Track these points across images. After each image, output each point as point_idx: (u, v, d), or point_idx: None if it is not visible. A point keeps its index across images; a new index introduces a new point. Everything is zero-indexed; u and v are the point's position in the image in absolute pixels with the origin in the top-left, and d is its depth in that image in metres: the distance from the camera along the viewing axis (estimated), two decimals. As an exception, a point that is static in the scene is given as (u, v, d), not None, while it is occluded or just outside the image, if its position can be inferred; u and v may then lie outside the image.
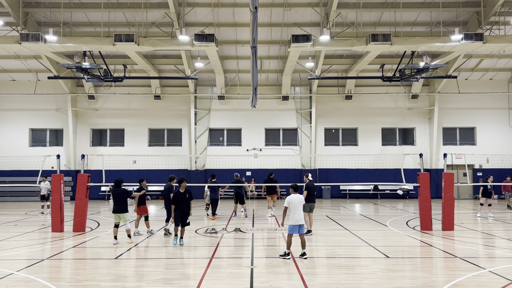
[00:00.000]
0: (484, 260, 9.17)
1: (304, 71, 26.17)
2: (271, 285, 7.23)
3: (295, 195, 9.39)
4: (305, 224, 11.31)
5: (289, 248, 9.27)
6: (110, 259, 9.40)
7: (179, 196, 10.72)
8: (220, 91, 26.94)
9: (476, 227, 14.31)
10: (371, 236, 12.27)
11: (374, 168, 25.98)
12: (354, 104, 27.66)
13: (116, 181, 11.28)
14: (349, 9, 21.28)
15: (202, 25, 21.85)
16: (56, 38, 19.54)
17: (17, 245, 10.99)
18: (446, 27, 21.41)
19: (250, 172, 26.22)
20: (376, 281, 7.50)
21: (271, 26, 22.69)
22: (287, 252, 9.27)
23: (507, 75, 27.58)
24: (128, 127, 27.78)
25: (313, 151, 27.04)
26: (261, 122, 27.58)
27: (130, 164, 25.03)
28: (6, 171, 25.62)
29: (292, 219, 9.15)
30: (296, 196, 9.38)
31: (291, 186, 9.74)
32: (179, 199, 10.70)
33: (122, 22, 22.11)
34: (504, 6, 20.27)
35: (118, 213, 11.16)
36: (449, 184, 13.36)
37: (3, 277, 7.74)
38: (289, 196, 9.42)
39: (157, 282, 7.46)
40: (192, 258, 9.57)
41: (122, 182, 11.31)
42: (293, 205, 9.22)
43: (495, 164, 26.63)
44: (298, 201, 9.26)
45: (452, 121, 27.77)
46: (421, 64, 20.79)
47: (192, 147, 27.18)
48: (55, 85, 26.45)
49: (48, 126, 27.73)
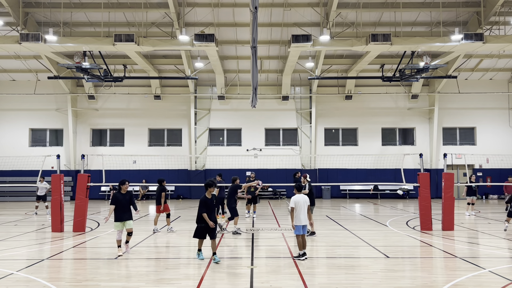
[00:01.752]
0: (484, 260, 9.17)
1: (304, 71, 26.17)
2: (271, 285, 7.23)
3: (299, 195, 9.29)
4: (308, 225, 11.32)
5: (301, 249, 9.15)
6: (110, 259, 9.39)
7: (208, 202, 8.97)
8: (220, 91, 26.94)
9: (476, 227, 14.30)
10: (371, 236, 12.26)
11: (374, 168, 25.98)
12: (354, 104, 27.66)
13: (121, 183, 9.80)
14: (349, 9, 21.28)
15: (202, 25, 21.85)
16: (56, 38, 19.54)
17: (17, 245, 10.99)
18: (446, 27, 21.41)
19: (250, 172, 26.18)
20: (376, 281, 7.50)
21: (271, 26, 22.69)
22: (301, 253, 9.14)
23: (507, 75, 27.58)
24: (128, 127, 27.78)
25: (313, 151, 27.04)
26: (261, 122, 27.58)
27: (130, 164, 25.05)
28: (6, 171, 25.63)
29: (298, 219, 9.08)
30: (301, 196, 9.27)
31: (294, 186, 9.55)
32: (208, 206, 8.95)
33: (122, 22, 22.11)
34: (504, 6, 20.27)
35: (124, 220, 9.65)
36: (449, 184, 13.36)
37: (3, 277, 7.74)
38: (294, 196, 9.30)
39: (157, 282, 7.46)
40: (192, 258, 9.56)
41: (127, 183, 9.85)
42: (298, 206, 9.12)
43: (495, 164, 26.63)
44: (302, 201, 9.17)
45: (452, 121, 27.77)
46: (421, 64, 20.80)
47: (192, 147, 27.18)
48: (55, 85, 26.45)
49: (48, 126, 27.73)
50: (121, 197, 9.69)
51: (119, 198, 9.67)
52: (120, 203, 9.62)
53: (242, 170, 24.08)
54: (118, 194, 9.74)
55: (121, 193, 9.77)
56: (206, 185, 9.11)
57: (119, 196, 9.69)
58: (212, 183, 9.14)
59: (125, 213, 9.64)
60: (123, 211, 9.61)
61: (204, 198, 8.98)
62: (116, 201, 9.63)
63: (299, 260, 9.02)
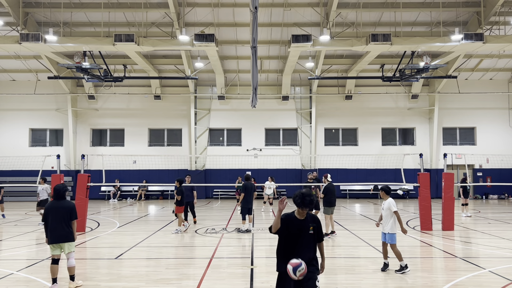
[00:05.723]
0: (484, 260, 9.17)
1: (304, 71, 26.16)
2: (271, 285, 7.22)
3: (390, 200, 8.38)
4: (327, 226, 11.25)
5: (402, 259, 8.07)
6: (110, 259, 9.39)
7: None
8: (220, 91, 26.93)
9: (476, 227, 14.30)
10: (371, 236, 12.26)
11: (374, 168, 25.97)
12: (354, 104, 27.65)
13: (57, 189, 7.37)
14: (349, 9, 21.27)
15: (202, 25, 21.85)
16: (56, 38, 19.53)
17: (17, 245, 10.99)
18: (446, 27, 21.41)
19: (250, 172, 26.19)
20: (376, 281, 7.50)
21: (271, 26, 22.69)
22: (403, 265, 8.04)
23: (507, 75, 27.57)
24: (128, 127, 27.78)
25: (313, 151, 27.04)
26: (261, 122, 27.58)
27: (130, 164, 25.04)
28: (6, 171, 25.62)
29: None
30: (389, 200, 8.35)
31: (381, 188, 8.50)
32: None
33: (122, 22, 22.10)
34: (504, 6, 20.26)
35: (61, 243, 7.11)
36: (449, 184, 13.36)
37: (3, 277, 7.74)
38: (391, 199, 8.43)
39: (157, 282, 7.46)
40: (192, 258, 9.57)
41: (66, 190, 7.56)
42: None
43: (495, 164, 26.63)
44: (386, 207, 8.32)
45: (452, 121, 27.76)
46: (421, 64, 20.79)
47: (192, 147, 27.17)
48: (55, 85, 26.44)
49: (48, 126, 27.73)
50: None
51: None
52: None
53: (242, 170, 24.06)
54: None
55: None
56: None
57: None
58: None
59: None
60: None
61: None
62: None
63: (404, 273, 7.95)
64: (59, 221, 7.00)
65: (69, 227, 7.11)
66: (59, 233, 6.98)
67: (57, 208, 7.08)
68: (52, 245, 7.03)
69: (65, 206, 7.12)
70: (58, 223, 6.99)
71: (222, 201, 25.14)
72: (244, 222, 12.94)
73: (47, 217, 7.08)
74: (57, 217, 7.01)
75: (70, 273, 7.14)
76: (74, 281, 7.18)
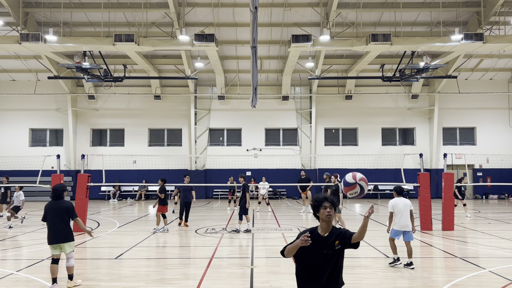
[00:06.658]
0: (484, 260, 9.16)
1: (304, 71, 26.16)
2: (271, 285, 7.22)
3: (399, 199, 8.66)
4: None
5: (396, 253, 8.54)
6: (110, 259, 9.39)
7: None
8: (220, 91, 26.93)
9: (476, 227, 14.30)
10: (371, 236, 12.24)
11: (374, 168, 25.90)
12: (354, 104, 27.65)
13: (55, 189, 7.20)
14: (349, 9, 21.27)
15: (202, 25, 21.84)
16: (56, 38, 19.53)
17: (17, 245, 10.99)
18: (446, 27, 21.40)
19: (250, 172, 26.20)
20: (376, 281, 7.50)
21: (271, 26, 22.68)
22: (395, 257, 8.53)
23: (507, 75, 27.57)
24: (128, 127, 27.78)
25: (313, 151, 27.03)
26: (261, 122, 27.58)
27: (130, 164, 25.02)
28: (6, 171, 25.52)
29: (398, 224, 8.47)
30: (400, 199, 8.61)
31: (394, 189, 8.84)
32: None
33: (122, 22, 22.10)
34: (504, 6, 20.25)
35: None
36: (449, 184, 13.36)
37: (3, 277, 7.74)
38: (393, 199, 8.68)
39: (157, 282, 7.46)
40: (192, 258, 9.57)
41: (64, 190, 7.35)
42: (397, 209, 8.49)
43: (495, 164, 26.62)
44: (402, 205, 8.49)
45: (452, 121, 27.76)
46: (421, 64, 20.79)
47: (192, 147, 27.17)
48: (55, 85, 26.44)
49: (48, 126, 27.73)
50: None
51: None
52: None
53: (242, 170, 24.06)
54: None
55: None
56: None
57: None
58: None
59: None
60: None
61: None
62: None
63: (394, 266, 8.44)
64: (58, 221, 7.00)
65: (68, 227, 7.12)
66: (58, 234, 6.98)
67: (55, 208, 7.07)
68: (52, 245, 7.04)
69: (62, 206, 7.11)
70: (57, 223, 6.99)
71: (222, 201, 25.13)
72: (241, 222, 12.94)
73: (46, 218, 7.12)
74: (56, 218, 7.01)
75: (69, 272, 7.14)
76: (72, 280, 7.17)
